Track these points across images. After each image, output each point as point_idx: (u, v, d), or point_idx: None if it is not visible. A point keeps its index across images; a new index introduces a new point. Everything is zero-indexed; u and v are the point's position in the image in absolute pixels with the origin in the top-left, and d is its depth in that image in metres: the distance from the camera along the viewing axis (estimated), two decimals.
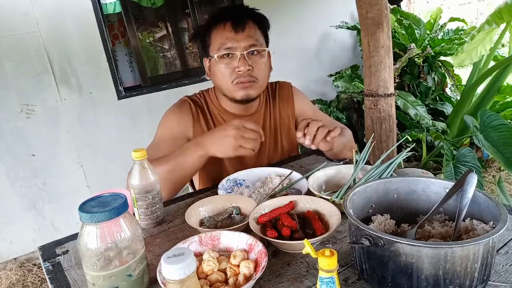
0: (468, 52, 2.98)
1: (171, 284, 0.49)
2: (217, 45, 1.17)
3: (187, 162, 1.05)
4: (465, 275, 0.55)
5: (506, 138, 2.25)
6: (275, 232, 0.77)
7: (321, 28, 3.86)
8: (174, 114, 1.25)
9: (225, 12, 1.20)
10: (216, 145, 1.00)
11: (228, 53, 1.16)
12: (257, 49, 1.17)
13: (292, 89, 1.39)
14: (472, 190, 0.67)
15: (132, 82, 3.22)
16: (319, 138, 0.99)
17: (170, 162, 1.05)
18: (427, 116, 3.18)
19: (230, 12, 1.20)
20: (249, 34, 1.16)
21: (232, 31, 1.14)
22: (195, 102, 1.29)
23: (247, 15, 1.19)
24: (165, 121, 1.25)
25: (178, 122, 1.24)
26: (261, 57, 1.19)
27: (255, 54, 1.18)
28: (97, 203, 0.65)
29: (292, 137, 1.39)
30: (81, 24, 2.65)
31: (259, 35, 1.20)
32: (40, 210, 2.71)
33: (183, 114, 1.25)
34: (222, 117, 1.29)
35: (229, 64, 1.16)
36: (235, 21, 1.15)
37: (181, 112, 1.25)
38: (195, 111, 1.26)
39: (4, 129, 2.50)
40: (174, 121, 1.24)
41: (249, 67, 1.15)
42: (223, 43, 1.15)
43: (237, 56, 1.15)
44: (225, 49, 1.15)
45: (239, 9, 1.23)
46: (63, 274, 0.79)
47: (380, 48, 2.27)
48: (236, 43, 1.14)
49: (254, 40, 1.16)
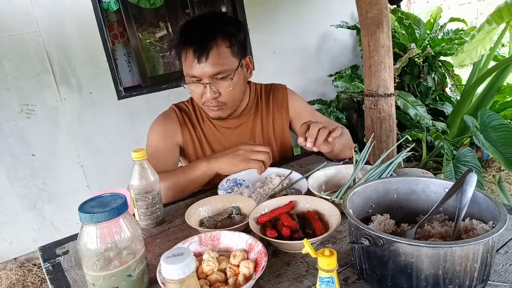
0: (468, 52, 2.98)
1: (171, 284, 0.49)
2: (185, 69, 1.13)
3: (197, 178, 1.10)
4: (465, 275, 0.55)
5: (506, 138, 2.25)
6: (275, 232, 0.77)
7: (321, 28, 3.86)
8: (159, 124, 1.27)
9: (189, 33, 1.11)
10: (227, 163, 1.07)
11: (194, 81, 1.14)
12: (223, 75, 1.11)
13: (287, 91, 1.38)
14: (472, 190, 0.67)
15: (132, 82, 3.22)
16: (320, 140, 0.99)
17: (180, 177, 1.10)
18: (427, 116, 3.18)
19: (193, 34, 1.10)
20: (213, 62, 1.08)
21: (194, 60, 1.08)
22: (181, 109, 1.31)
23: (212, 36, 1.09)
24: (152, 132, 1.26)
25: (165, 131, 1.25)
26: (229, 81, 1.13)
27: (222, 79, 1.12)
28: (97, 203, 0.65)
29: (286, 139, 1.39)
30: (81, 24, 2.65)
31: (227, 55, 1.11)
32: (40, 210, 2.71)
33: (169, 122, 1.27)
34: (211, 122, 1.30)
35: (197, 89, 1.14)
36: (198, 48, 1.07)
37: (166, 121, 1.27)
38: (181, 117, 1.28)
39: (4, 129, 2.50)
40: (162, 131, 1.25)
41: (215, 94, 1.13)
42: (189, 69, 1.11)
43: (203, 84, 1.12)
44: (190, 76, 1.12)
45: (203, 30, 1.10)
46: (63, 275, 0.79)
47: (380, 48, 2.27)
48: (200, 72, 1.09)
49: (220, 66, 1.09)
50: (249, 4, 3.34)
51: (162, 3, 2.91)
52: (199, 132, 1.29)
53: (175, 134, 1.26)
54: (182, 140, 1.27)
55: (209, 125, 1.30)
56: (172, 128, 1.26)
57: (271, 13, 3.48)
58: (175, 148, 1.26)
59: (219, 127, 1.30)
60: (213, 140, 1.30)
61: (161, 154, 1.22)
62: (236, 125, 1.30)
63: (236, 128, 1.30)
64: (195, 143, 1.28)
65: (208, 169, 1.08)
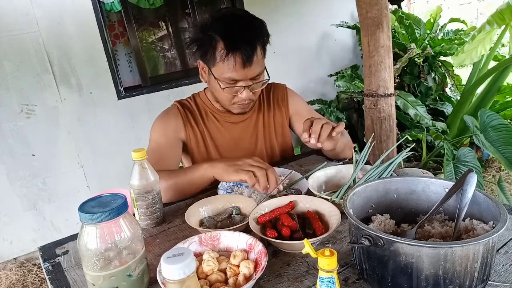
0: (468, 52, 2.98)
1: (171, 284, 0.49)
2: (221, 72, 1.11)
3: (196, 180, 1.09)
4: (465, 275, 0.55)
5: (505, 138, 2.25)
6: (275, 232, 0.77)
7: (321, 28, 3.86)
8: (162, 120, 1.28)
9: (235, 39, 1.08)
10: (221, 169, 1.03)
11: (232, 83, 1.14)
12: (261, 78, 1.17)
13: (287, 90, 1.41)
14: (472, 190, 0.67)
15: (132, 82, 3.22)
16: (324, 135, 0.99)
17: (180, 177, 1.10)
18: (427, 116, 3.18)
19: (240, 40, 1.08)
20: (255, 66, 1.11)
21: (240, 65, 1.08)
22: (184, 105, 1.32)
23: (256, 42, 1.10)
24: (155, 128, 1.27)
25: (168, 127, 1.26)
26: (262, 80, 1.18)
27: (257, 81, 1.16)
28: (97, 203, 0.65)
29: (286, 136, 1.41)
30: (81, 24, 2.65)
31: (261, 57, 1.15)
32: (40, 210, 2.71)
33: (171, 118, 1.28)
34: (214, 116, 1.31)
35: (232, 90, 1.15)
36: (245, 54, 1.07)
37: (169, 117, 1.28)
38: (184, 113, 1.29)
39: (4, 129, 2.50)
40: (164, 127, 1.26)
41: (251, 93, 1.17)
42: (228, 73, 1.10)
43: (241, 86, 1.14)
44: (230, 80, 1.12)
45: (248, 35, 1.09)
46: (63, 275, 0.79)
47: (380, 48, 2.27)
48: (243, 76, 1.11)
49: (259, 69, 1.13)
50: (249, 4, 3.34)
51: (161, 3, 2.91)
52: (202, 128, 1.30)
53: (178, 130, 1.27)
54: (185, 135, 1.28)
55: (213, 120, 1.31)
56: (175, 124, 1.27)
57: (271, 13, 3.47)
58: (177, 144, 1.26)
59: (223, 122, 1.31)
60: (217, 135, 1.31)
61: (163, 150, 1.22)
62: (240, 120, 1.32)
63: (240, 123, 1.33)
64: (198, 139, 1.29)
65: (206, 172, 1.07)
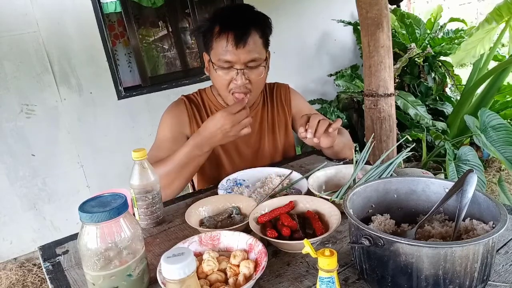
0: (468, 51, 2.98)
1: (171, 284, 0.49)
2: (217, 54, 1.14)
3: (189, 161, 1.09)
4: (465, 275, 0.55)
5: (505, 138, 2.26)
6: (275, 232, 0.77)
7: (321, 28, 3.86)
8: (169, 114, 1.29)
9: (228, 20, 1.13)
10: (214, 140, 1.05)
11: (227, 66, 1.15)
12: (256, 64, 1.15)
13: (290, 90, 1.43)
14: (472, 190, 0.67)
15: (132, 82, 3.23)
16: (320, 130, 1.00)
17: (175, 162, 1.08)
18: (427, 116, 3.18)
19: (233, 21, 1.13)
20: (249, 49, 1.11)
21: (233, 45, 1.10)
22: (191, 100, 1.32)
23: (250, 24, 1.13)
24: (163, 122, 1.29)
25: (174, 121, 1.27)
26: (259, 69, 1.17)
27: (254, 67, 1.15)
28: (97, 203, 0.65)
29: (289, 135, 1.42)
30: (81, 24, 2.65)
31: (260, 45, 1.16)
32: (40, 210, 2.71)
33: (178, 112, 1.29)
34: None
35: (227, 74, 1.16)
36: (237, 34, 1.10)
37: (176, 111, 1.29)
38: (190, 108, 1.30)
39: (4, 129, 2.50)
40: (171, 121, 1.27)
41: (246, 80, 1.15)
42: (223, 54, 1.12)
43: (236, 69, 1.14)
44: (224, 61, 1.13)
45: (242, 18, 1.14)
46: (63, 274, 0.79)
47: (380, 48, 2.27)
48: (236, 58, 1.11)
49: (254, 54, 1.13)
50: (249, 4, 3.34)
51: (162, 2, 2.91)
52: None
53: (183, 125, 1.28)
54: (190, 131, 1.29)
55: None
56: (182, 118, 1.28)
57: (271, 13, 3.43)
58: (182, 139, 1.26)
59: None
60: None
61: (167, 143, 1.22)
62: None
63: None
64: None
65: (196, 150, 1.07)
